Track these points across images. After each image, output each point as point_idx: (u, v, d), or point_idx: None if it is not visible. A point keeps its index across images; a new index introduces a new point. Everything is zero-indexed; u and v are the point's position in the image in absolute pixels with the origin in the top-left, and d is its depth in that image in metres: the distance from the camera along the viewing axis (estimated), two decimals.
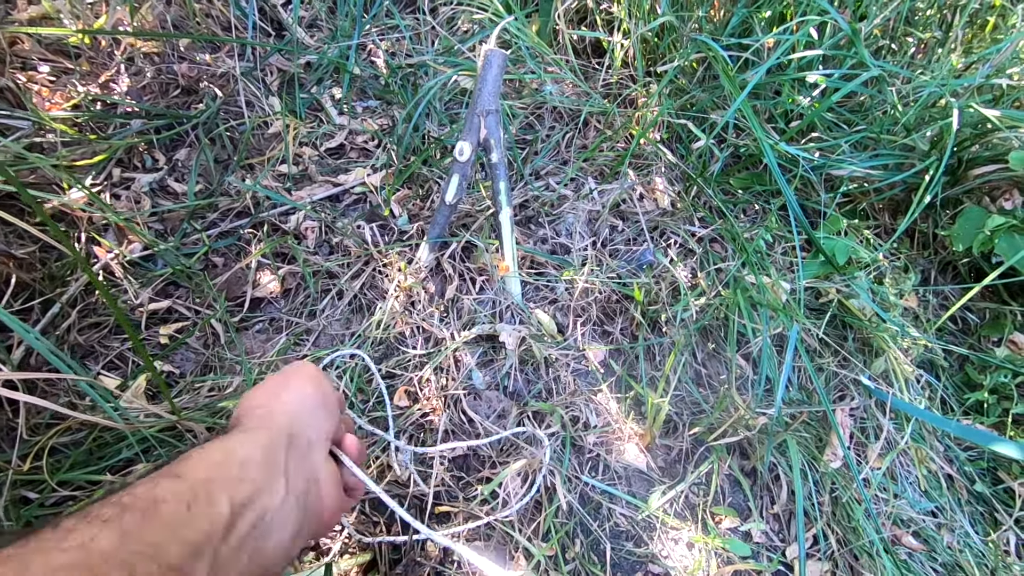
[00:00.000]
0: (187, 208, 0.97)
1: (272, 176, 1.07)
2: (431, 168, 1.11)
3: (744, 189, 1.18)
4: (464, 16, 1.30)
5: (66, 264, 0.81)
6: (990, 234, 0.94)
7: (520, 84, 1.27)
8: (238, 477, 0.36)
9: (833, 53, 1.05)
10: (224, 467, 0.36)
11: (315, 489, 0.41)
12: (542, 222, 1.09)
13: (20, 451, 0.59)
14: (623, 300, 1.01)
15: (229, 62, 1.19)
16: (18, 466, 0.59)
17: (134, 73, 1.12)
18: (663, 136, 1.22)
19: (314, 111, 1.20)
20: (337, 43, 1.27)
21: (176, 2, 1.20)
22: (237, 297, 0.90)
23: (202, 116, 1.08)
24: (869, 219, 1.17)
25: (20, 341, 0.68)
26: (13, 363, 0.64)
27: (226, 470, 0.36)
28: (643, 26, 1.13)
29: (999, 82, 1.00)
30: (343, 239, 1.00)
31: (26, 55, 1.06)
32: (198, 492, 0.33)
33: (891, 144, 1.07)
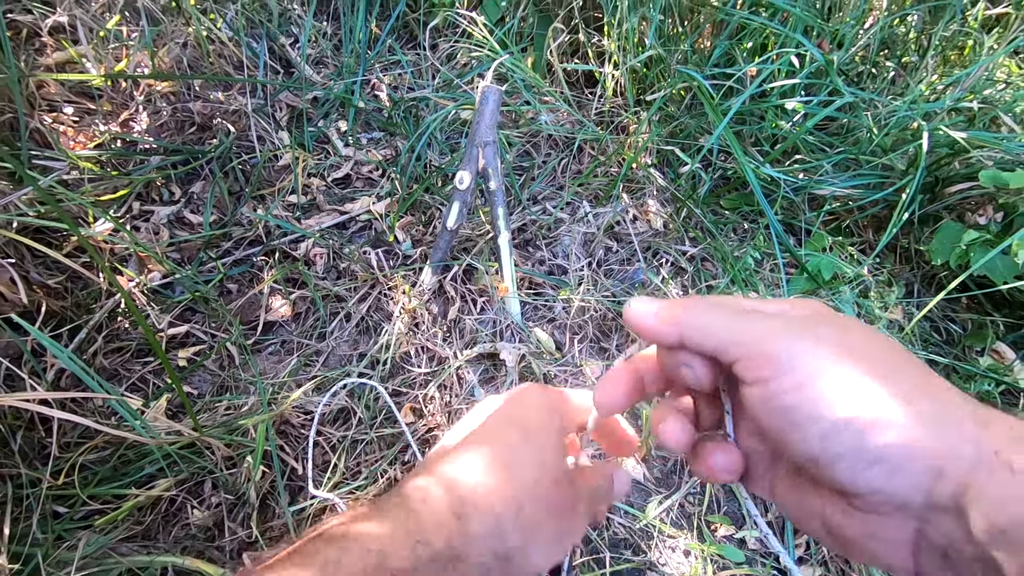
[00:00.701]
0: (203, 238, 1.02)
1: (282, 206, 1.13)
2: (433, 195, 1.16)
3: (733, 209, 1.24)
4: (462, 52, 1.37)
5: (91, 292, 0.87)
6: (966, 248, 0.98)
7: (517, 115, 1.33)
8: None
9: (811, 82, 1.11)
10: None
11: None
12: (539, 245, 1.15)
13: (52, 468, 0.64)
14: (618, 318, 1.06)
15: (241, 99, 1.26)
16: (51, 482, 0.63)
17: (152, 112, 1.19)
18: (654, 161, 1.28)
19: (321, 143, 1.26)
20: (343, 79, 1.34)
21: (191, 44, 1.28)
22: (251, 321, 0.95)
23: (216, 151, 1.15)
24: (853, 235, 1.21)
25: (52, 364, 0.72)
26: (48, 382, 0.69)
27: None
28: (632, 58, 1.19)
29: (969, 105, 1.05)
30: (350, 264, 1.05)
31: (52, 98, 1.13)
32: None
33: (870, 164, 1.12)
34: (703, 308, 0.28)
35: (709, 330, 0.28)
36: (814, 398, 0.25)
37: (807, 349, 0.26)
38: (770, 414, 0.26)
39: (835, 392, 0.25)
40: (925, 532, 0.25)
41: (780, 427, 0.26)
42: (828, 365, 0.25)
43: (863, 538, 0.26)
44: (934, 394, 0.25)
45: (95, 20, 1.13)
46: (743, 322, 0.27)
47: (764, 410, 0.26)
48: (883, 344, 0.27)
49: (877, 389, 0.24)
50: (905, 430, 0.24)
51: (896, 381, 0.25)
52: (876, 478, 0.24)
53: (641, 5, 1.25)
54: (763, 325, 0.27)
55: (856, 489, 0.25)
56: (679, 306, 0.29)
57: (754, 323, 0.27)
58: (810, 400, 0.25)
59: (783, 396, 0.25)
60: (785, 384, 0.25)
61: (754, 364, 0.26)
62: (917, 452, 0.24)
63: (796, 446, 0.26)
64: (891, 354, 0.27)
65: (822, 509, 0.28)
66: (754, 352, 0.26)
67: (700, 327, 0.28)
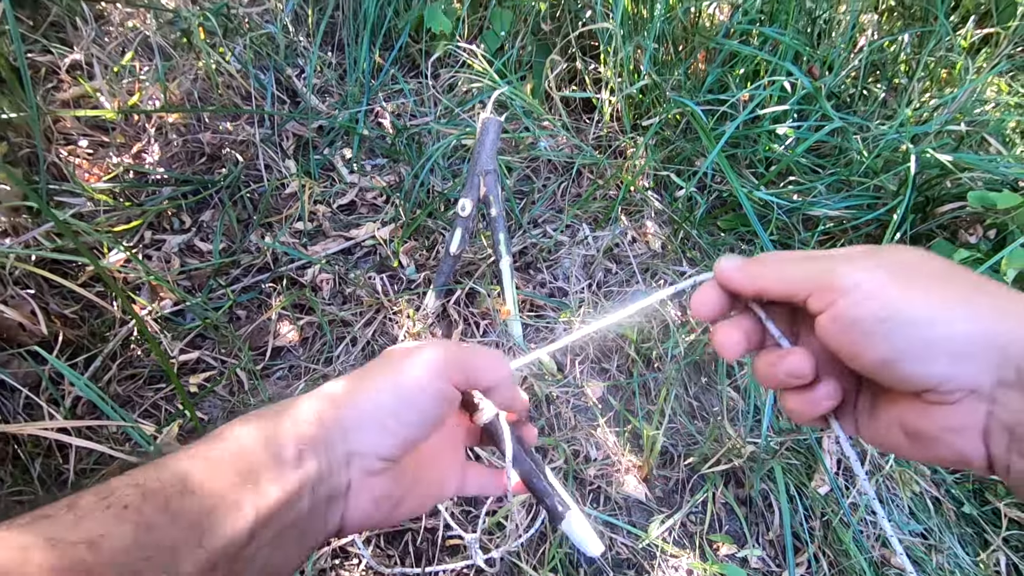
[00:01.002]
0: (212, 266, 1.05)
1: (289, 233, 1.16)
2: (436, 220, 1.19)
3: (730, 230, 1.26)
4: (463, 81, 1.41)
5: (105, 321, 0.89)
6: None
7: (517, 141, 1.37)
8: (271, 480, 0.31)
9: (802, 107, 1.14)
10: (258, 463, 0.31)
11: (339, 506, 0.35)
12: (540, 267, 1.17)
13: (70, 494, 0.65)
14: (618, 339, 1.08)
15: (249, 129, 1.30)
16: None
17: (164, 143, 1.23)
18: (651, 184, 1.31)
19: (327, 171, 1.30)
20: (347, 108, 1.38)
21: (201, 77, 1.32)
22: (259, 347, 0.97)
23: (225, 180, 1.18)
24: None
25: (68, 392, 0.75)
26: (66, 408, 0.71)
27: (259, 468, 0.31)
28: (628, 85, 1.23)
29: (956, 128, 1.08)
30: (356, 289, 1.08)
31: (67, 131, 1.17)
32: (226, 490, 0.30)
33: (863, 186, 1.15)
34: (776, 261, 0.33)
35: (784, 278, 0.32)
36: (878, 306, 0.28)
37: (867, 270, 0.29)
38: (842, 332, 0.30)
39: (895, 298, 0.28)
40: (994, 413, 0.27)
41: (853, 341, 0.29)
42: (887, 279, 0.29)
43: (940, 432, 0.29)
44: (991, 291, 0.28)
45: (110, 57, 1.18)
46: (810, 263, 0.32)
47: (837, 330, 0.30)
48: (939, 262, 0.30)
49: (934, 290, 0.28)
50: (963, 320, 0.27)
51: (953, 284, 0.29)
52: (943, 367, 0.27)
53: (636, 34, 1.29)
54: (827, 263, 0.31)
55: (927, 381, 0.28)
56: (758, 263, 0.34)
57: (819, 263, 0.32)
58: (874, 308, 0.28)
59: (851, 311, 0.29)
60: (851, 301, 0.29)
61: (823, 294, 0.30)
62: (978, 337, 0.27)
63: (869, 355, 0.29)
64: (947, 267, 0.30)
65: (900, 417, 0.31)
66: (823, 284, 0.30)
67: (776, 278, 0.33)
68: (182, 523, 0.28)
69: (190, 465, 0.30)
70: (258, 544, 0.30)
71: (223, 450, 0.32)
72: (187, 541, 0.27)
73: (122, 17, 1.30)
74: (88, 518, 0.26)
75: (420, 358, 0.38)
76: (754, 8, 1.22)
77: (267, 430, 0.33)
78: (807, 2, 1.29)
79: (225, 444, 0.32)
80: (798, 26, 1.24)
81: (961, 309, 0.27)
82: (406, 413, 0.36)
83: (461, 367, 0.38)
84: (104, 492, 0.27)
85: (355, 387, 0.37)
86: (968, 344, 0.27)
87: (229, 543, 0.29)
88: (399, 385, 0.36)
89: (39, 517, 0.26)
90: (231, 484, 0.30)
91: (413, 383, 0.36)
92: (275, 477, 0.32)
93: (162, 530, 0.27)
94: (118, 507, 0.27)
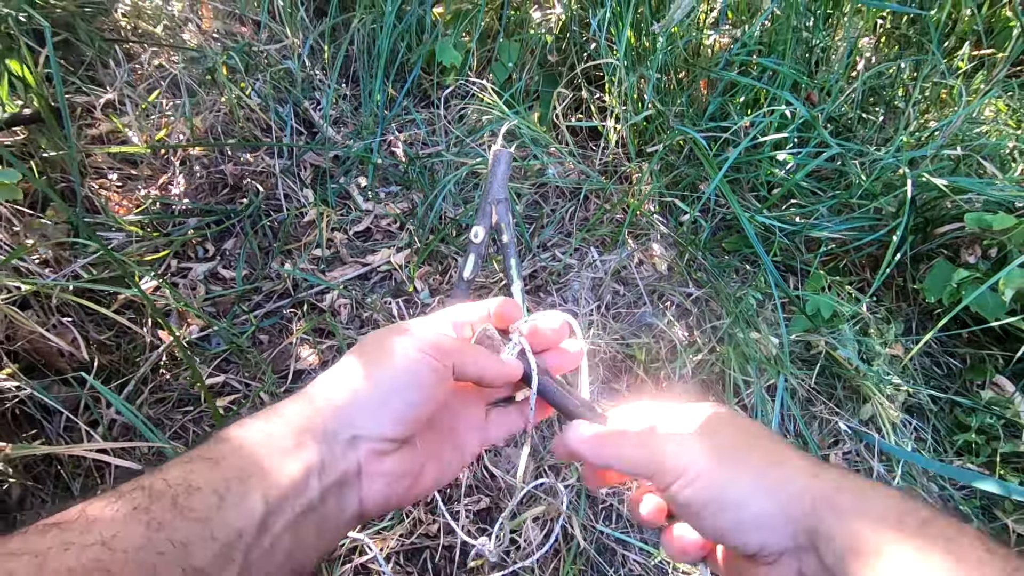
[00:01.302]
0: (236, 292, 1.10)
1: (308, 260, 1.20)
2: (448, 245, 1.24)
3: (734, 251, 1.30)
4: (473, 111, 1.47)
5: (137, 346, 0.94)
6: (957, 286, 1.03)
7: (525, 169, 1.42)
8: (274, 469, 0.32)
9: (801, 135, 1.18)
10: (260, 456, 0.33)
11: (353, 490, 0.36)
12: (550, 290, 1.21)
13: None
14: (627, 359, 1.11)
15: (269, 160, 1.35)
16: None
17: (188, 174, 1.29)
18: (656, 208, 1.35)
19: (343, 199, 1.35)
20: (362, 138, 1.44)
21: (223, 111, 1.39)
22: (281, 370, 1.01)
23: (247, 210, 1.23)
24: (851, 274, 1.27)
25: (104, 415, 0.79)
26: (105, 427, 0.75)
27: (261, 460, 0.33)
28: (633, 115, 1.28)
29: (952, 152, 1.12)
30: (372, 314, 1.12)
31: (98, 165, 1.23)
32: (231, 483, 0.31)
33: (863, 208, 1.18)
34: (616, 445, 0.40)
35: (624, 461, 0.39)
36: (703, 488, 0.35)
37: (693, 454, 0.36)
38: (680, 509, 0.37)
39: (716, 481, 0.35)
40: (802, 570, 0.34)
41: (688, 516, 0.37)
42: (709, 463, 0.36)
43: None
44: (782, 460, 0.36)
45: (140, 96, 1.24)
46: (644, 450, 0.38)
47: (676, 507, 0.37)
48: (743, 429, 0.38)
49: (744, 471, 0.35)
50: (764, 499, 0.34)
51: (750, 461, 0.36)
52: (757, 538, 0.34)
53: (639, 65, 1.34)
54: (661, 446, 0.38)
55: (749, 549, 0.35)
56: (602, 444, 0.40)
57: (652, 448, 0.38)
58: (700, 492, 0.35)
59: (682, 493, 0.36)
60: (681, 484, 0.36)
61: (659, 477, 0.37)
62: (777, 513, 0.34)
63: (704, 529, 0.36)
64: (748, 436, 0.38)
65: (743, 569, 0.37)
66: (656, 469, 0.37)
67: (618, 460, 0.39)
68: (191, 518, 0.29)
69: (193, 466, 0.31)
70: (273, 533, 0.31)
71: (224, 449, 0.33)
72: (199, 535, 0.28)
73: (150, 57, 1.37)
74: (99, 521, 0.27)
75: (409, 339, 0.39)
76: (752, 40, 1.27)
77: (264, 427, 0.35)
78: (804, 32, 1.34)
79: (225, 444, 0.33)
80: (795, 55, 1.29)
81: (763, 489, 0.34)
82: (405, 391, 0.37)
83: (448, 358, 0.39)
84: (112, 497, 0.29)
85: (348, 374, 0.38)
86: (770, 519, 0.34)
87: (241, 532, 0.30)
88: (394, 366, 0.37)
89: (50, 525, 0.27)
90: (236, 478, 0.31)
91: (406, 361, 0.37)
92: (278, 466, 0.33)
93: (172, 526, 0.28)
94: (127, 509, 0.28)
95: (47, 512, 0.31)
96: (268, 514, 0.31)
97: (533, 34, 1.52)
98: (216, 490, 0.30)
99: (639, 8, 1.29)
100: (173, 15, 1.48)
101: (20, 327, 0.74)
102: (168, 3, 1.49)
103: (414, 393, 0.37)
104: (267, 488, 0.32)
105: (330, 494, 0.35)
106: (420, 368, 0.37)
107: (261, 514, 0.31)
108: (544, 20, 1.56)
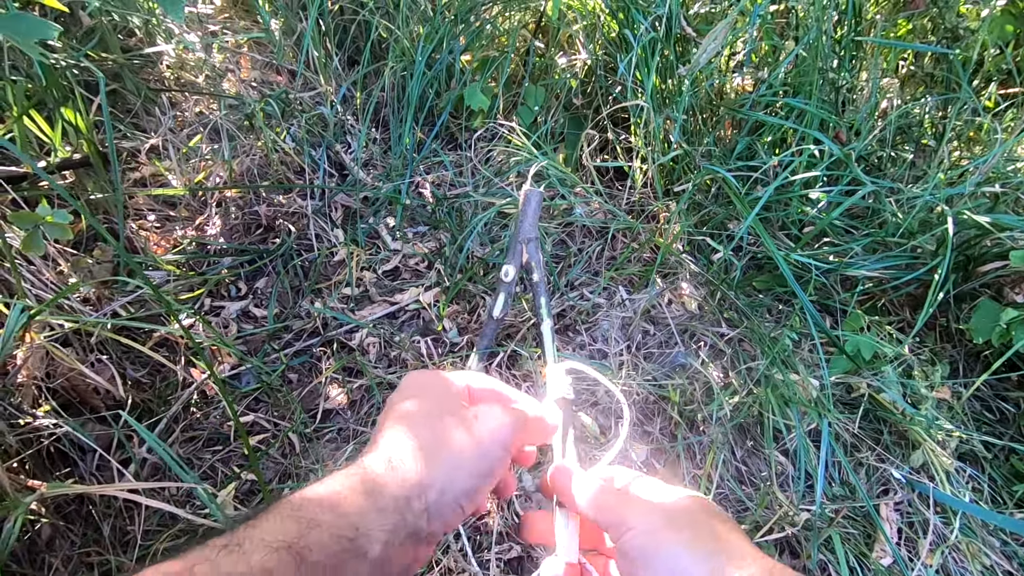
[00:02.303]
0: (267, 331, 1.10)
1: (338, 299, 1.21)
2: (476, 284, 1.24)
3: (766, 291, 1.27)
4: (500, 152, 1.49)
5: (169, 384, 0.94)
6: (1006, 326, 0.99)
7: (553, 208, 1.43)
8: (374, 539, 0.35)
9: (832, 173, 1.18)
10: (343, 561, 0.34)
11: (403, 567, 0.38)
12: (579, 330, 1.19)
13: (137, 554, 0.68)
14: (660, 401, 1.08)
15: (301, 202, 1.38)
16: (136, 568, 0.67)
17: (224, 216, 1.32)
18: (685, 247, 1.34)
19: (372, 239, 1.37)
20: (391, 180, 1.47)
21: (259, 155, 1.43)
22: (310, 409, 1.01)
23: (279, 250, 1.25)
24: (890, 314, 1.23)
25: (136, 454, 0.78)
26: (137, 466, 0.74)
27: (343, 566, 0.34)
28: (660, 155, 1.29)
29: (989, 189, 1.10)
30: (401, 353, 1.11)
31: (139, 207, 1.27)
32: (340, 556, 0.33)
33: (900, 247, 1.16)
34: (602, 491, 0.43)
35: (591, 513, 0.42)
36: (643, 542, 0.38)
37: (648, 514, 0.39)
38: (623, 557, 0.39)
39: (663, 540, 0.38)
40: None
41: (631, 569, 0.39)
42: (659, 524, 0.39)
43: None
44: (724, 545, 0.37)
45: (182, 142, 1.29)
46: (605, 505, 0.42)
47: (619, 554, 0.40)
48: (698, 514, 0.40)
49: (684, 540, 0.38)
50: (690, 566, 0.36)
51: (698, 533, 0.38)
52: None
53: (665, 107, 1.36)
54: (625, 509, 0.41)
55: None
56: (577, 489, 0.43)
57: (609, 509, 0.41)
58: (645, 544, 0.38)
59: (630, 542, 0.39)
60: (631, 535, 0.39)
61: (613, 529, 0.40)
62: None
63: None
64: (700, 516, 0.40)
65: None
66: (617, 521, 0.40)
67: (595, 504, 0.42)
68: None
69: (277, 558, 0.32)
70: None
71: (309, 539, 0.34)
72: None
73: (192, 104, 1.43)
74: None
75: (498, 429, 0.42)
76: (778, 80, 1.28)
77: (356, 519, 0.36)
78: (829, 73, 1.35)
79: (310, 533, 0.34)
80: (822, 95, 1.30)
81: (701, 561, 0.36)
82: (485, 484, 0.41)
83: (523, 440, 0.45)
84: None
85: (437, 469, 0.39)
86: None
87: None
88: (482, 457, 0.41)
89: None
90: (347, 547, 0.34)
91: (493, 457, 0.41)
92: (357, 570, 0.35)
93: None
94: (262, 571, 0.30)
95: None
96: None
97: (558, 79, 1.56)
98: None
99: (664, 52, 1.32)
100: (214, 66, 1.55)
101: (59, 364, 0.75)
102: (210, 55, 1.56)
103: (492, 482, 0.42)
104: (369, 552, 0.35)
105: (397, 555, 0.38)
106: (504, 459, 0.42)
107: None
108: (569, 66, 1.60)
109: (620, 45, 1.43)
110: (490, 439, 0.41)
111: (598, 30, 1.51)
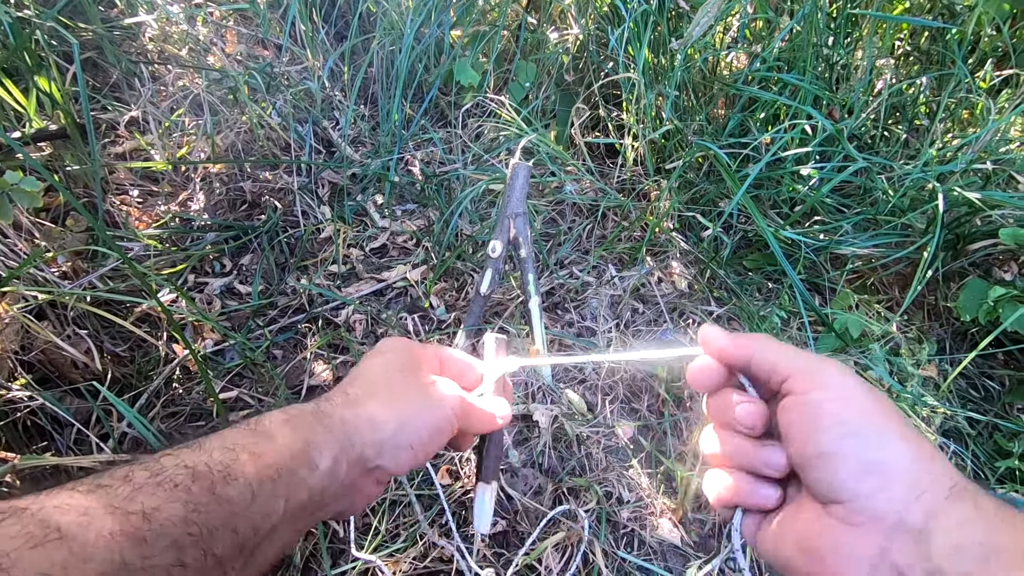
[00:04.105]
0: (251, 307, 1.09)
1: (324, 276, 1.20)
2: (464, 262, 1.22)
3: (756, 269, 1.27)
4: (490, 129, 1.47)
5: (151, 359, 0.93)
6: (994, 304, 0.99)
7: (543, 185, 1.41)
8: (302, 480, 0.35)
9: (824, 149, 1.16)
10: (294, 465, 0.35)
11: (349, 499, 0.41)
12: (568, 308, 1.19)
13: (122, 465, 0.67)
14: (647, 378, 1.07)
15: (287, 178, 1.36)
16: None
17: (208, 192, 1.30)
18: (675, 225, 1.33)
19: (360, 216, 1.35)
20: (379, 156, 1.45)
21: (244, 130, 1.40)
22: (295, 385, 1.00)
23: (265, 226, 1.23)
24: (879, 293, 1.23)
25: (115, 428, 0.77)
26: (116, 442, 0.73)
27: (295, 469, 0.35)
28: (651, 132, 1.27)
29: (982, 167, 1.09)
30: (388, 329, 1.10)
31: (120, 182, 1.25)
32: (264, 483, 0.33)
33: (890, 224, 1.15)
34: (765, 340, 0.37)
35: (772, 356, 0.36)
36: (842, 408, 0.32)
37: (841, 376, 0.33)
38: (804, 417, 0.33)
39: (857, 408, 0.32)
40: (888, 552, 0.29)
41: (808, 428, 0.32)
42: (856, 390, 0.33)
43: (832, 553, 0.31)
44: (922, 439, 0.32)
45: (163, 115, 1.26)
46: (796, 352, 0.36)
47: (800, 413, 0.33)
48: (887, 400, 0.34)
49: (888, 417, 0.32)
50: (904, 452, 0.30)
51: (900, 420, 0.32)
52: (866, 485, 0.30)
53: (657, 83, 1.34)
54: (810, 357, 0.35)
55: (844, 493, 0.30)
56: (747, 337, 0.37)
57: (803, 354, 0.35)
58: (839, 409, 0.32)
59: (821, 403, 0.32)
60: (826, 396, 0.33)
61: (801, 380, 0.34)
62: (909, 472, 0.30)
63: (812, 446, 0.32)
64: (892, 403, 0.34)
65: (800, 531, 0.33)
66: (809, 370, 0.34)
67: (766, 351, 0.36)
68: (224, 508, 0.31)
69: (235, 456, 0.33)
70: (280, 533, 0.34)
71: (264, 446, 0.35)
72: (225, 525, 0.31)
73: (174, 77, 1.40)
74: (142, 491, 0.29)
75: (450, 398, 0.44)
76: (772, 56, 1.27)
77: (306, 433, 0.37)
78: (824, 49, 1.33)
79: (266, 441, 0.35)
80: (816, 72, 1.28)
81: (904, 440, 0.31)
82: (432, 446, 0.42)
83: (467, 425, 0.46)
84: (156, 469, 0.30)
85: (390, 410, 0.41)
86: (897, 473, 0.30)
87: (258, 530, 0.32)
88: (432, 412, 0.42)
89: (98, 486, 0.29)
90: (269, 478, 0.34)
91: (441, 417, 0.43)
92: (306, 478, 0.36)
93: (207, 511, 0.30)
94: (170, 485, 0.30)
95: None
96: (284, 519, 0.34)
97: (550, 54, 1.53)
98: (251, 485, 0.32)
99: (657, 26, 1.30)
100: (198, 39, 1.51)
101: (35, 337, 0.74)
102: (193, 27, 1.52)
103: (436, 446, 0.43)
104: (291, 495, 0.34)
105: (333, 502, 0.39)
106: (449, 426, 0.43)
107: (279, 518, 0.34)
108: (561, 41, 1.57)
109: (612, 19, 1.41)
110: (439, 403, 0.43)
111: (591, 3, 1.49)
